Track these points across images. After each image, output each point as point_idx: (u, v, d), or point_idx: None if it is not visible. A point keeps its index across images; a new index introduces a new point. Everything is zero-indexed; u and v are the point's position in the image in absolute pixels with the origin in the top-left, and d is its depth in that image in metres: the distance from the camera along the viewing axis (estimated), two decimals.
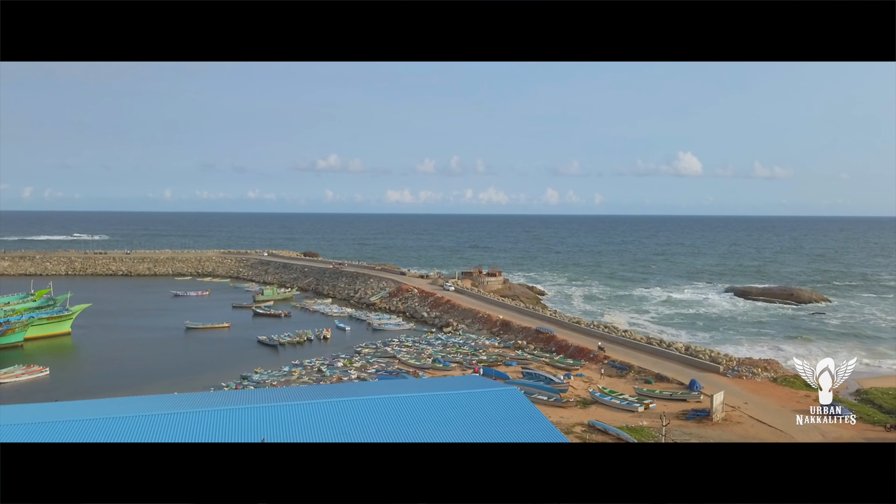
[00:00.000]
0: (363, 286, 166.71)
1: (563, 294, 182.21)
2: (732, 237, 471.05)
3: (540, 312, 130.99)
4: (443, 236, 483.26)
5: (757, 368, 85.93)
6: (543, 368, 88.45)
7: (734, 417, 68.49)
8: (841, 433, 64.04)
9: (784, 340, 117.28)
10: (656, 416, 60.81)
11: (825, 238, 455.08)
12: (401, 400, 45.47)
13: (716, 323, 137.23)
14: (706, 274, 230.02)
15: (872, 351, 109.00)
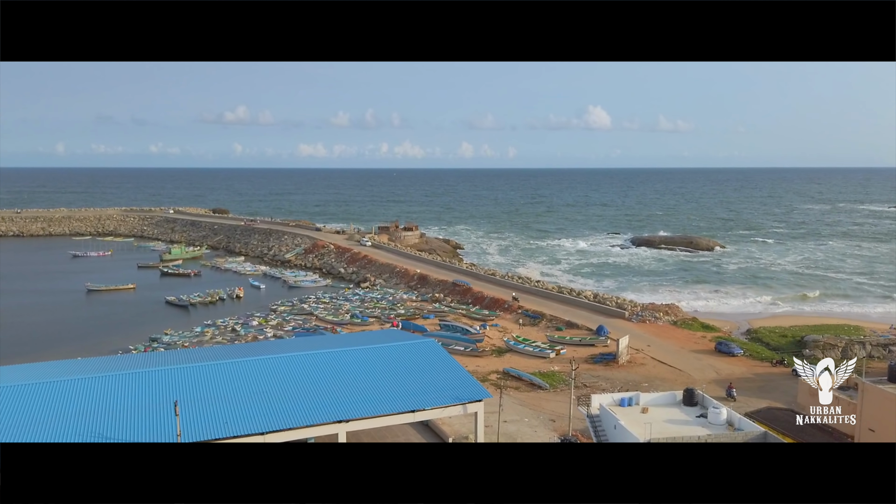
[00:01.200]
0: (277, 243, 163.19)
1: (479, 247, 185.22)
2: (639, 189, 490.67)
3: (456, 265, 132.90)
4: (359, 191, 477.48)
5: (659, 313, 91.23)
6: (460, 320, 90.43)
7: (638, 359, 72.85)
8: (733, 370, 69.58)
9: (684, 286, 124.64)
10: (566, 361, 63.81)
11: (722, 188, 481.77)
12: (321, 356, 45.56)
13: (622, 271, 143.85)
14: (614, 224, 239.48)
15: (763, 293, 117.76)
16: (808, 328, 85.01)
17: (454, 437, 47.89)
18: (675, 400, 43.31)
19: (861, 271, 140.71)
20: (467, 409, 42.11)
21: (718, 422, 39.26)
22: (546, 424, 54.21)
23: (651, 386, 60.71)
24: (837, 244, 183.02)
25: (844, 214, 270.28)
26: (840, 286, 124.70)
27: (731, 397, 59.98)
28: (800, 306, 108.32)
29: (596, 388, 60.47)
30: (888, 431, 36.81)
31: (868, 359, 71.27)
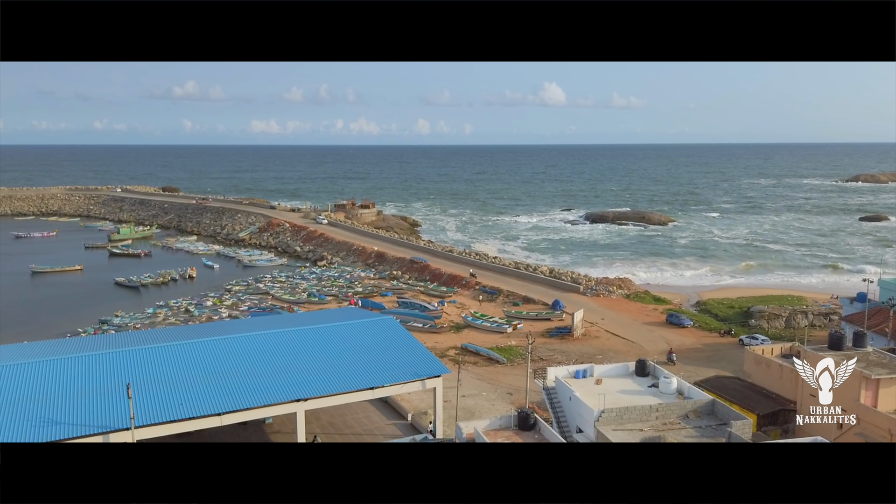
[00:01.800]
0: (230, 222, 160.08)
1: (436, 224, 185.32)
2: (593, 165, 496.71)
3: (414, 243, 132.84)
4: (314, 168, 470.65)
5: (612, 286, 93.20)
6: (418, 297, 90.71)
7: (593, 332, 74.47)
8: (683, 341, 71.77)
9: (636, 260, 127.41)
10: (523, 336, 64.81)
11: (674, 164, 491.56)
12: (277, 335, 45.22)
13: (577, 246, 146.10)
14: (569, 200, 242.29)
15: (711, 266, 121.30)
16: (754, 299, 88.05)
17: (413, 413, 48.34)
18: (628, 371, 44.52)
19: (804, 243, 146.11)
20: (426, 385, 42.48)
21: (669, 391, 40.58)
22: (504, 398, 55.15)
23: (605, 358, 62.21)
24: (782, 217, 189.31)
25: (789, 189, 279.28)
26: (784, 258, 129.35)
27: (671, 361, 63.20)
28: (746, 278, 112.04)
29: (552, 361, 61.65)
30: None
31: (810, 328, 74.43)
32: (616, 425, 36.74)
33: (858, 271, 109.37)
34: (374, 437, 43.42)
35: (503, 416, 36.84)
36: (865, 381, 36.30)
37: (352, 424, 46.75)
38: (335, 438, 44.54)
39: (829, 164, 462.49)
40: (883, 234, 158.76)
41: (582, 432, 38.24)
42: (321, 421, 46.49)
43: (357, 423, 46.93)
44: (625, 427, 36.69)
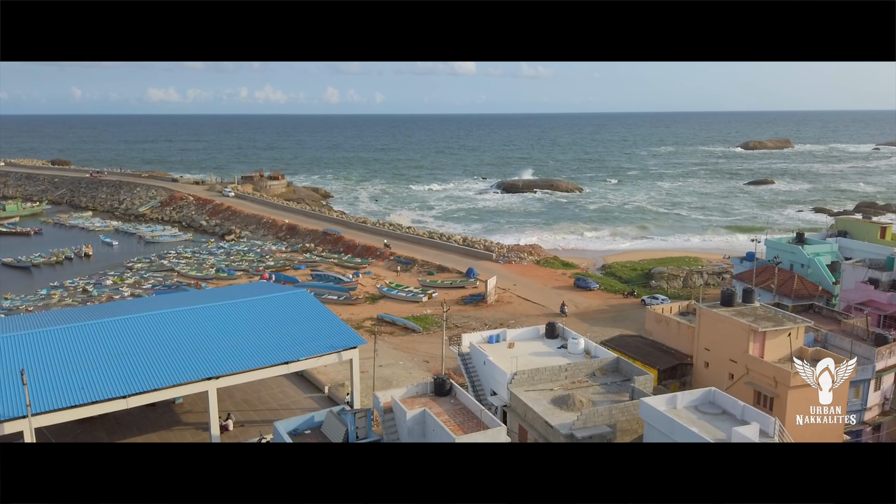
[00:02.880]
0: (129, 196, 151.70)
1: (349, 195, 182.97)
2: (503, 134, 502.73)
3: (326, 214, 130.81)
4: (218, 138, 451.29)
5: (523, 253, 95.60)
6: (332, 269, 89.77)
7: (505, 298, 76.35)
8: (590, 303, 74.84)
9: (546, 226, 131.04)
10: (438, 304, 65.64)
11: (580, 133, 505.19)
12: (185, 313, 43.68)
13: (489, 215, 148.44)
14: (482, 170, 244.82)
15: (616, 230, 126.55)
16: (655, 261, 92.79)
17: (330, 386, 48.21)
18: (539, 334, 46.07)
19: (699, 206, 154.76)
20: (342, 357, 42.40)
21: (577, 351, 42.38)
22: (420, 366, 55.89)
23: (517, 322, 64.03)
24: (680, 183, 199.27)
25: (687, 156, 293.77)
26: (682, 221, 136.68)
27: (563, 313, 68.63)
28: (647, 241, 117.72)
29: (466, 328, 62.88)
30: (721, 348, 41.58)
31: (705, 286, 79.34)
32: (528, 386, 38.11)
33: (748, 232, 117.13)
34: (290, 412, 43.03)
35: (420, 383, 37.37)
36: (753, 334, 39.21)
37: (267, 400, 46.13)
38: (250, 416, 43.86)
39: (723, 131, 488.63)
40: (769, 196, 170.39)
41: (496, 395, 39.43)
42: (235, 399, 45.59)
43: (272, 399, 46.35)
44: (536, 388, 38.13)
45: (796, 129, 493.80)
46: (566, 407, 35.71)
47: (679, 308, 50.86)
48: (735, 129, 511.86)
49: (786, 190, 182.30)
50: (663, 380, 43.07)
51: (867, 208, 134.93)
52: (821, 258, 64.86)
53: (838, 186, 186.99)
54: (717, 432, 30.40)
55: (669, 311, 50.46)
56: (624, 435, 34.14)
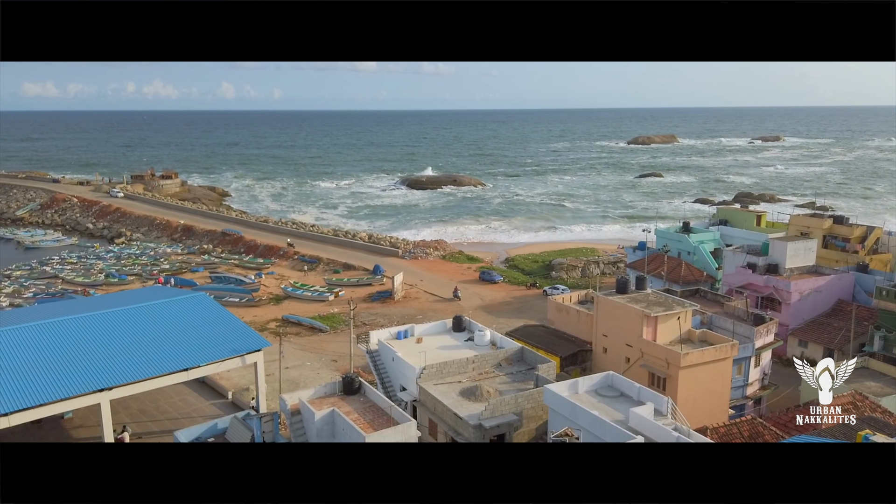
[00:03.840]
0: (4, 198, 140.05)
1: (248, 194, 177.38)
2: (406, 130, 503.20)
3: (225, 214, 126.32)
4: (104, 136, 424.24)
5: (429, 249, 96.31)
6: (233, 270, 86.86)
7: (412, 294, 76.68)
8: (495, 296, 76.47)
9: (450, 222, 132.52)
10: (345, 303, 64.96)
11: (482, 129, 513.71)
12: (72, 322, 40.94)
13: (394, 211, 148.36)
14: (385, 166, 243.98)
15: (518, 224, 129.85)
16: (555, 253, 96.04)
17: (234, 391, 46.72)
18: (446, 328, 46.68)
19: (594, 199, 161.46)
20: (246, 361, 41.18)
21: (483, 343, 43.31)
22: (328, 366, 55.20)
23: (425, 317, 64.49)
24: (577, 177, 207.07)
25: (582, 151, 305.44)
26: (579, 213, 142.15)
27: (457, 297, 72.47)
28: (548, 234, 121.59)
29: (375, 325, 62.65)
30: (617, 334, 43.71)
31: (602, 275, 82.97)
32: (437, 380, 38.57)
33: (639, 222, 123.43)
34: (192, 420, 41.34)
35: (328, 383, 36.95)
36: (646, 319, 41.48)
37: (166, 410, 44.10)
38: (148, 427, 41.79)
39: (614, 127, 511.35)
40: (657, 188, 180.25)
41: (405, 390, 39.62)
42: (130, 410, 43.28)
43: (172, 408, 44.36)
44: (445, 381, 38.65)
45: (680, 125, 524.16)
46: (474, 398, 36.44)
47: (578, 297, 52.96)
48: (625, 125, 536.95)
49: (672, 182, 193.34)
50: (565, 366, 44.77)
51: (744, 198, 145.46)
52: (705, 246, 69.44)
53: (719, 178, 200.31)
54: (616, 414, 32.01)
55: (569, 300, 52.45)
56: (529, 422, 35.28)
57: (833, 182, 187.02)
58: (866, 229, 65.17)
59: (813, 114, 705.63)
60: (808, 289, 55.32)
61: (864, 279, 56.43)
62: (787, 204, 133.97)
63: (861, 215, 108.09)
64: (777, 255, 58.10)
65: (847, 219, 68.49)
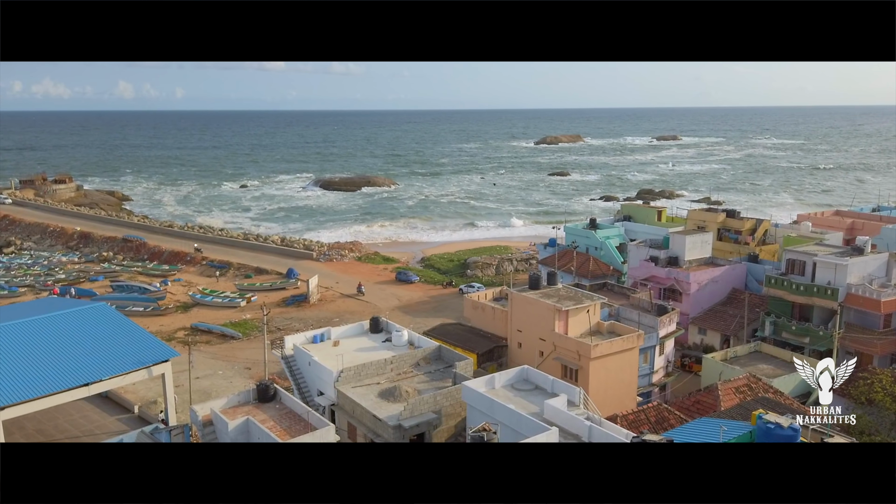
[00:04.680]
0: None
1: (151, 198, 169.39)
2: (318, 131, 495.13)
3: (126, 220, 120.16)
4: None
5: (344, 251, 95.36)
6: (136, 279, 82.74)
7: (328, 297, 75.68)
8: (412, 295, 76.68)
9: (365, 223, 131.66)
10: (258, 308, 63.29)
11: (394, 129, 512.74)
12: None
13: (308, 213, 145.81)
14: (298, 167, 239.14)
15: (433, 223, 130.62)
16: (469, 251, 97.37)
17: (140, 405, 44.55)
18: (363, 329, 46.40)
19: (506, 198, 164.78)
20: (152, 373, 39.34)
21: (401, 343, 43.36)
22: (242, 373, 53.66)
23: (341, 320, 63.81)
24: (489, 176, 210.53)
25: (493, 151, 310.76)
26: (492, 212, 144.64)
27: (360, 292, 74.27)
28: (462, 233, 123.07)
29: (290, 330, 61.37)
30: (531, 329, 44.89)
31: (515, 272, 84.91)
32: (355, 382, 38.30)
33: (550, 220, 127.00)
34: (95, 438, 39.12)
35: (242, 391, 35.92)
36: (558, 313, 42.83)
37: (66, 428, 41.47)
38: None
39: (524, 127, 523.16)
40: (566, 187, 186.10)
41: (323, 394, 39.11)
42: (26, 430, 40.40)
43: (73, 426, 41.76)
44: (363, 383, 38.44)
45: (586, 125, 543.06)
46: (393, 399, 36.45)
47: (493, 294, 53.96)
48: (533, 125, 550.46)
49: (579, 180, 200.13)
50: (482, 363, 45.51)
51: (646, 195, 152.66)
52: (611, 241, 72.37)
53: (622, 176, 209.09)
54: (531, 407, 32.89)
55: (485, 297, 53.35)
56: (449, 419, 35.67)
57: (725, 178, 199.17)
58: (756, 222, 69.89)
59: (706, 114, 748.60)
60: (705, 279, 58.71)
61: (755, 269, 60.49)
62: (684, 199, 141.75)
63: (750, 209, 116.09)
64: (677, 249, 61.31)
65: (738, 212, 73.19)
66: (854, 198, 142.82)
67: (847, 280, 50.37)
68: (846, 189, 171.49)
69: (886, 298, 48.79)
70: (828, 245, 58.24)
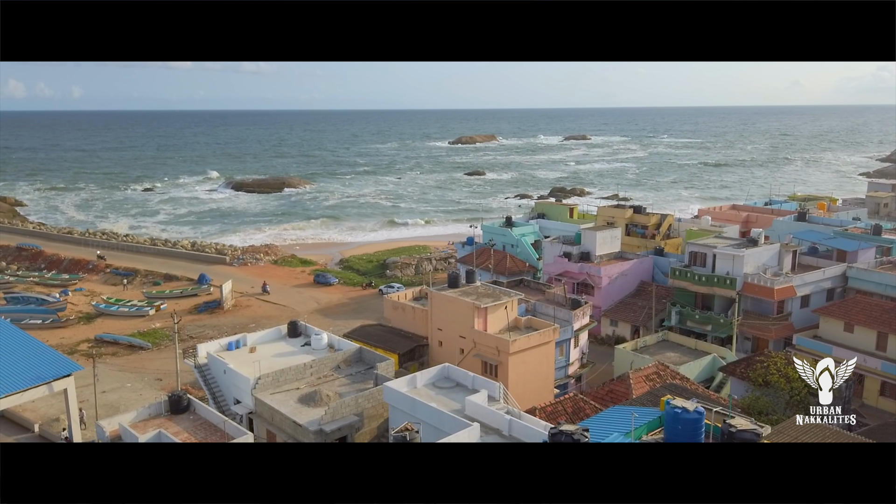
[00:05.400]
0: None
1: (47, 203, 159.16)
2: (229, 131, 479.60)
3: (19, 227, 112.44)
4: None
5: (260, 254, 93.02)
6: (33, 289, 77.55)
7: (244, 302, 73.61)
8: (331, 298, 75.69)
9: (280, 225, 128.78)
10: (168, 316, 60.81)
11: (309, 129, 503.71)
12: None
13: (221, 216, 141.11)
14: (208, 168, 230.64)
15: (351, 224, 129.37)
16: (389, 252, 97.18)
17: (41, 423, 41.93)
18: (281, 334, 45.49)
19: (424, 198, 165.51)
20: (53, 388, 37.08)
21: (321, 346, 42.80)
22: (152, 385, 51.43)
23: (258, 325, 62.25)
24: (406, 176, 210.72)
25: (411, 150, 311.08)
26: (411, 212, 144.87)
27: (266, 291, 75.60)
28: (381, 233, 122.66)
29: (203, 338, 59.30)
30: (451, 327, 45.36)
31: (434, 272, 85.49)
32: (273, 389, 37.52)
33: (467, 219, 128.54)
34: None
35: (152, 404, 34.47)
36: (477, 310, 43.52)
37: None
38: None
39: (440, 127, 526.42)
40: (481, 186, 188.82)
41: (240, 403, 38.09)
42: None
43: None
44: (282, 389, 37.71)
45: (500, 125, 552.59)
46: (314, 403, 35.97)
47: (413, 294, 54.14)
48: (449, 125, 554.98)
49: (495, 179, 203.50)
50: (404, 363, 45.60)
51: (559, 192, 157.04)
52: (526, 238, 74.16)
53: (535, 174, 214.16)
54: (453, 404, 33.26)
55: (405, 297, 53.45)
56: (371, 421, 35.56)
57: (631, 176, 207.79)
58: (661, 217, 73.42)
59: (612, 114, 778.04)
60: (615, 273, 61.17)
61: (660, 261, 63.55)
62: (594, 197, 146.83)
63: (655, 205, 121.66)
64: (588, 244, 63.56)
65: (644, 208, 76.65)
66: (748, 193, 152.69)
67: (744, 270, 53.80)
68: (741, 184, 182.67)
69: (779, 286, 52.46)
70: (726, 237, 61.99)
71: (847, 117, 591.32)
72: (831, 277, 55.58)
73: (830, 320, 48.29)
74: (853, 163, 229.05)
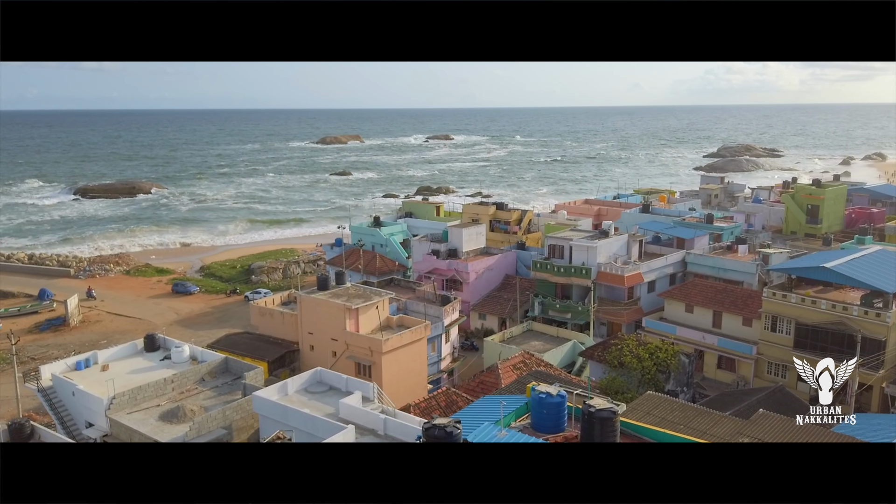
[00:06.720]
0: None
1: None
2: (68, 132, 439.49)
3: None
4: None
5: (109, 264, 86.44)
6: None
7: (93, 317, 68.13)
8: (192, 308, 71.86)
9: (132, 232, 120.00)
10: (5, 336, 54.90)
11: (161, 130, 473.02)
12: None
13: (64, 224, 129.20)
14: (47, 173, 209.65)
15: (212, 230, 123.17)
16: (254, 256, 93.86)
17: None
18: (137, 349, 42.59)
19: (289, 199, 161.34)
20: None
21: (182, 359, 40.53)
22: None
23: (111, 341, 57.83)
24: (269, 177, 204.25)
25: (272, 151, 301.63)
26: (275, 214, 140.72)
27: (91, 297, 73.22)
28: (243, 237, 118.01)
29: (47, 358, 54.10)
30: (322, 330, 44.71)
31: (303, 275, 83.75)
32: (130, 408, 35.16)
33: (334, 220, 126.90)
34: None
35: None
36: (348, 312, 43.22)
37: None
38: None
39: (303, 128, 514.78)
40: (348, 186, 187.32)
41: (93, 426, 35.31)
42: None
43: None
44: (140, 407, 35.43)
45: (364, 125, 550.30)
46: (177, 419, 34.14)
47: (281, 299, 52.81)
48: (313, 125, 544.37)
49: (361, 179, 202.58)
50: (274, 370, 44.39)
51: (425, 191, 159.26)
52: (395, 237, 74.65)
53: (401, 174, 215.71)
54: (327, 408, 32.90)
55: (273, 302, 52.01)
56: (241, 433, 34.34)
57: (493, 174, 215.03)
58: (521, 213, 76.76)
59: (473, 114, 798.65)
60: (482, 268, 63.22)
61: (523, 255, 66.49)
62: (458, 195, 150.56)
63: (516, 201, 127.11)
64: (455, 241, 65.19)
65: (506, 205, 79.86)
66: (599, 187, 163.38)
67: (597, 260, 57.63)
68: (593, 180, 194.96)
69: (628, 273, 56.73)
70: (580, 230, 65.98)
71: (681, 116, 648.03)
72: (673, 263, 60.95)
73: (673, 302, 52.91)
74: (687, 158, 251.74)
